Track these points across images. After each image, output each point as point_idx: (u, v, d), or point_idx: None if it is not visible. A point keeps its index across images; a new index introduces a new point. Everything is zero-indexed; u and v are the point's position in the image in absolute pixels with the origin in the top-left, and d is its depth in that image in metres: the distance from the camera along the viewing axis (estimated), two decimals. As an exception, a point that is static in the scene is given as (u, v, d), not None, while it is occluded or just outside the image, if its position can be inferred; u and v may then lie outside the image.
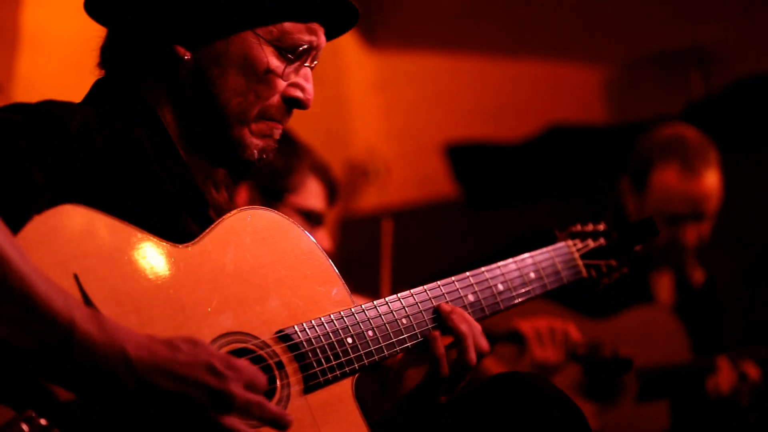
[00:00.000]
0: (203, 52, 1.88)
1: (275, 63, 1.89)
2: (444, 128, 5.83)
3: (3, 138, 1.67)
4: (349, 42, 5.48)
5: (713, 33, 5.30)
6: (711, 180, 3.50)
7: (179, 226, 1.82)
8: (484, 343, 1.96)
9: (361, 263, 3.56)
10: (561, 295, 3.42)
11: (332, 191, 3.15)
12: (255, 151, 1.92)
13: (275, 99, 1.91)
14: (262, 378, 1.61)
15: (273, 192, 3.00)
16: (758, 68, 5.17)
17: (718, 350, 3.52)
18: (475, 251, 3.78)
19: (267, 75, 1.89)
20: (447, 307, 1.96)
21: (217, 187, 1.96)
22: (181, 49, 1.87)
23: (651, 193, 3.52)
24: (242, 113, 1.89)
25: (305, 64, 1.94)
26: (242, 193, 2.97)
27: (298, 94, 1.93)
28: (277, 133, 1.95)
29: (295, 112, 1.98)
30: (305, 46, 1.91)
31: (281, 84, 1.91)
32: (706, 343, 3.60)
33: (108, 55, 1.95)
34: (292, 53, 1.90)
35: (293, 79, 1.93)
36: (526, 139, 5.53)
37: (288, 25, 1.89)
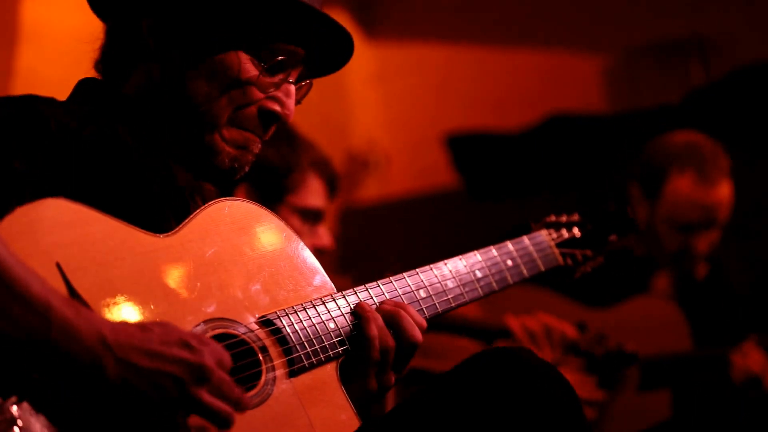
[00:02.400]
0: (181, 53, 1.88)
1: (250, 70, 1.89)
2: (444, 118, 5.83)
3: None
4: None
5: (713, 22, 5.29)
6: (725, 189, 3.50)
7: (162, 221, 1.82)
8: (421, 320, 1.96)
9: (361, 254, 3.56)
10: (556, 284, 3.44)
11: (333, 186, 3.13)
12: (226, 159, 1.91)
13: (251, 109, 1.91)
14: (227, 356, 1.62)
15: (272, 192, 2.98)
16: (758, 57, 5.16)
17: (727, 339, 3.52)
18: (475, 241, 3.79)
19: (241, 82, 1.88)
20: (365, 307, 1.93)
21: (204, 200, 1.96)
22: (158, 48, 1.88)
23: (664, 201, 3.51)
24: (213, 118, 1.88)
25: (289, 80, 1.94)
26: (240, 194, 2.95)
27: (276, 107, 1.93)
28: (255, 146, 1.94)
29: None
30: (283, 58, 1.91)
31: (257, 94, 1.91)
32: (713, 333, 3.60)
33: (103, 54, 1.96)
34: (267, 63, 1.90)
35: (273, 92, 1.92)
36: (526, 128, 5.53)
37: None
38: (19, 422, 1.45)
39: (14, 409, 1.45)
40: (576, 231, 2.38)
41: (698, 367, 3.48)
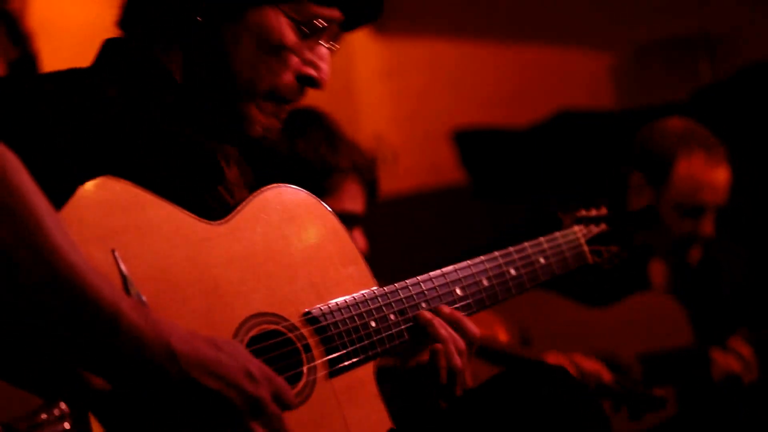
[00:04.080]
0: (220, 18, 1.82)
1: (291, 37, 1.84)
2: (451, 114, 5.83)
3: (41, 110, 1.64)
4: (356, 28, 5.47)
5: (722, 19, 5.29)
6: (727, 170, 3.51)
7: (193, 196, 1.79)
8: (462, 345, 1.95)
9: (372, 249, 3.57)
10: (563, 284, 3.44)
11: (372, 191, 3.03)
12: (259, 128, 1.88)
13: (288, 76, 1.86)
14: (288, 392, 1.61)
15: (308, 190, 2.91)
16: (766, 54, 5.16)
17: (719, 330, 3.52)
18: (483, 237, 3.79)
19: (281, 49, 1.84)
20: (427, 315, 1.94)
21: (227, 162, 1.93)
22: (198, 12, 1.82)
23: (674, 185, 3.48)
24: (252, 86, 1.84)
25: (322, 43, 1.90)
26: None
27: (312, 72, 1.88)
28: (285, 113, 1.91)
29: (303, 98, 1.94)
30: (323, 22, 1.87)
31: (295, 60, 1.86)
32: (706, 322, 3.60)
33: (127, 13, 1.90)
34: (309, 28, 1.85)
35: (308, 56, 1.88)
36: (534, 125, 5.52)
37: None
38: (66, 425, 1.44)
39: (63, 407, 1.45)
40: (604, 226, 2.35)
41: (680, 365, 3.47)
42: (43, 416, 1.43)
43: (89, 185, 1.58)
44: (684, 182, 3.47)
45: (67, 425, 1.44)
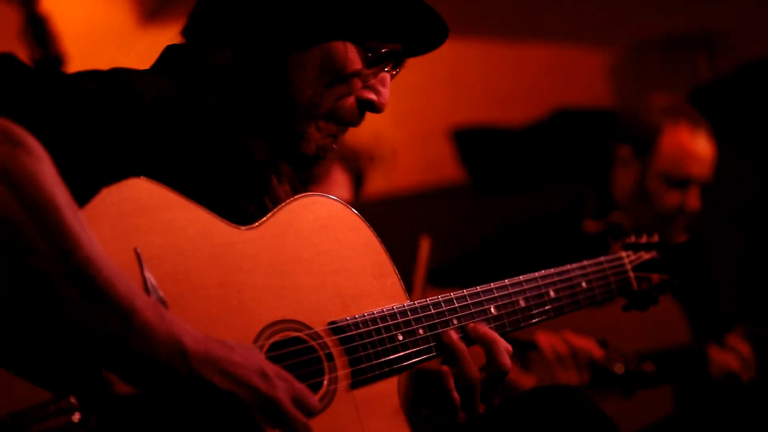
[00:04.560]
0: (287, 35, 1.81)
1: (357, 64, 1.83)
2: (450, 113, 5.83)
3: (79, 107, 1.62)
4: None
5: (720, 17, 5.29)
6: (713, 147, 3.54)
7: (237, 204, 1.79)
8: (509, 346, 1.92)
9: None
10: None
11: (359, 182, 3.06)
12: (314, 147, 1.86)
13: (349, 100, 1.86)
14: (310, 396, 1.60)
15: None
16: (765, 52, 5.16)
17: (716, 327, 3.53)
18: (482, 236, 3.80)
19: (346, 73, 1.83)
20: (453, 336, 1.89)
21: (279, 178, 1.93)
22: (263, 29, 1.80)
23: (660, 155, 3.52)
24: (313, 107, 1.82)
25: (386, 69, 1.89)
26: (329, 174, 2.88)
27: (373, 96, 1.87)
28: (342, 134, 1.90)
29: None
30: (388, 50, 1.87)
31: (358, 85, 1.86)
32: (703, 318, 3.60)
33: (192, 22, 1.89)
34: (374, 54, 1.85)
35: (370, 81, 1.87)
36: (532, 122, 5.53)
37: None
38: (75, 417, 1.45)
39: (72, 401, 1.46)
40: (654, 253, 2.30)
41: (678, 362, 3.48)
42: (53, 408, 1.44)
43: (118, 184, 1.58)
44: (670, 152, 3.51)
45: (76, 418, 1.45)
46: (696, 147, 3.50)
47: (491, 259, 3.55)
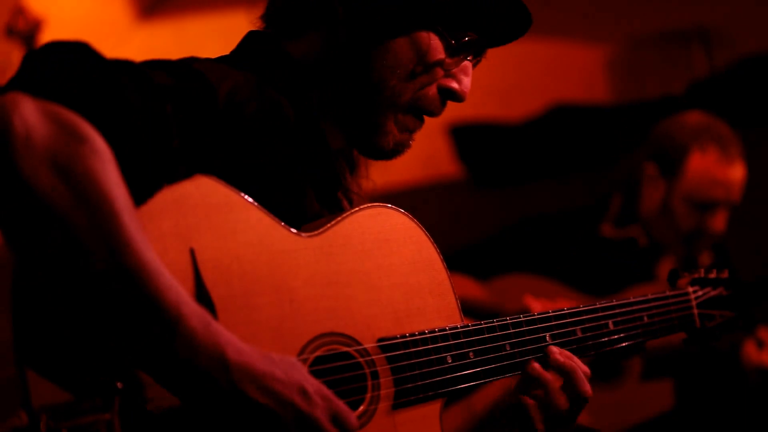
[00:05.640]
0: (370, 23, 1.79)
1: (440, 52, 1.82)
2: (448, 108, 5.81)
3: (150, 101, 1.57)
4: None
5: (717, 12, 5.29)
6: (742, 169, 3.51)
7: (302, 202, 1.77)
8: (587, 370, 1.89)
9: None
10: (566, 273, 3.44)
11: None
12: (391, 141, 1.85)
13: (431, 89, 1.84)
14: (350, 416, 1.57)
15: None
16: (761, 47, 5.16)
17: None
18: (479, 232, 3.80)
19: (430, 62, 1.81)
20: (555, 349, 1.88)
21: (351, 170, 1.91)
22: (347, 17, 1.78)
23: (685, 178, 3.49)
24: (396, 97, 1.81)
25: (467, 58, 1.87)
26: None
27: (454, 84, 1.86)
28: (418, 130, 1.88)
29: None
30: (471, 39, 1.85)
31: (440, 74, 1.84)
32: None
33: (271, 8, 1.88)
34: (457, 41, 1.83)
35: (452, 69, 1.85)
36: (529, 118, 5.53)
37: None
38: (108, 416, 1.44)
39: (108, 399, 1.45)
40: (722, 289, 2.27)
41: (707, 355, 3.48)
42: (87, 405, 1.43)
43: (182, 182, 1.56)
44: (695, 177, 3.48)
45: (108, 416, 1.44)
46: (723, 172, 3.46)
47: (507, 251, 3.55)
